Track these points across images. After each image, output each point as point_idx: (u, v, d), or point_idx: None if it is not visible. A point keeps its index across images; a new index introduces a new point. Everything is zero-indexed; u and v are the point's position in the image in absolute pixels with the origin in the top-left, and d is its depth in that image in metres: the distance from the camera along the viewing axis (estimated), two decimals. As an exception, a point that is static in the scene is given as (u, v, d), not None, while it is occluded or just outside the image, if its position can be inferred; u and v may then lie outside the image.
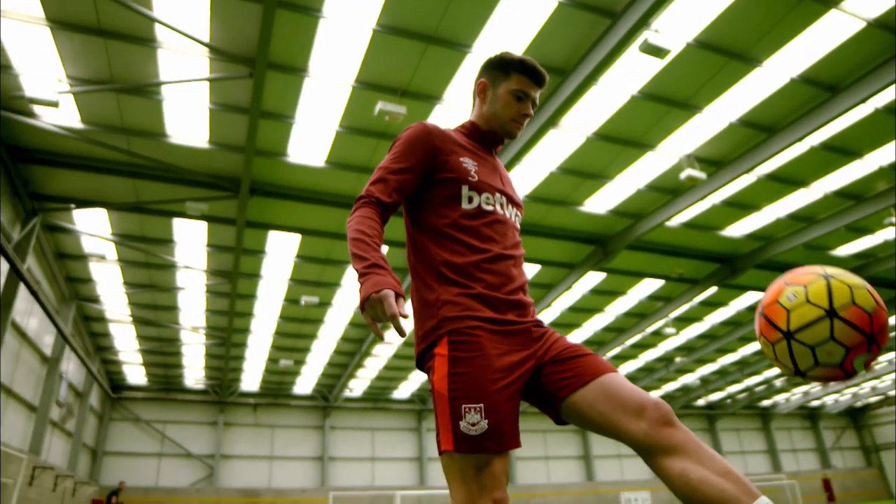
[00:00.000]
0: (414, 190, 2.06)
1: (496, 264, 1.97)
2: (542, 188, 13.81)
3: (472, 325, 1.84)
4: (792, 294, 1.74)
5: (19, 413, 15.39)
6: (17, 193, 12.68)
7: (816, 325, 1.67)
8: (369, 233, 1.86)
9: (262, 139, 11.77)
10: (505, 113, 2.15)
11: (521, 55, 2.18)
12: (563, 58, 9.97)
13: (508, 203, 2.14)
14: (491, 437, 1.69)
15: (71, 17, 8.97)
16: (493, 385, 1.74)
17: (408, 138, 2.06)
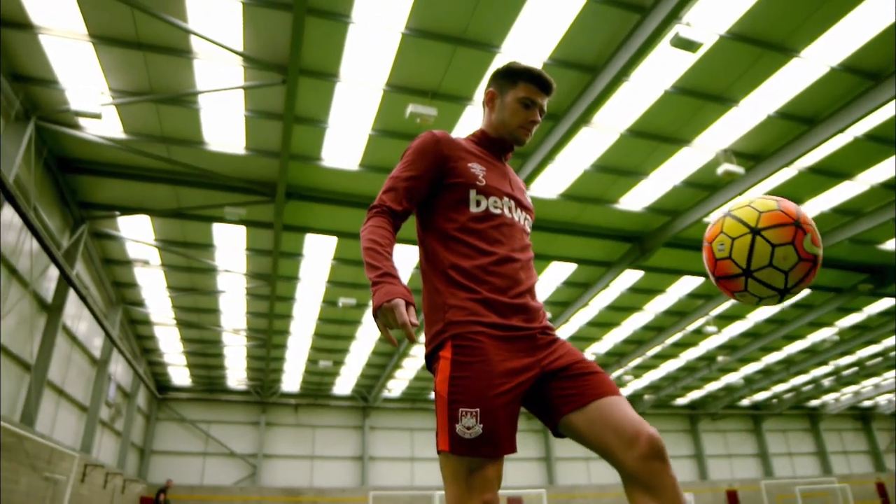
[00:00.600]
0: (424, 196, 2.12)
1: (503, 267, 2.00)
2: (576, 186, 13.70)
3: (475, 330, 1.87)
4: (720, 245, 1.90)
5: (71, 413, 15.99)
6: (65, 202, 13.19)
7: (756, 248, 1.82)
8: (381, 242, 1.93)
9: (297, 144, 11.97)
10: (513, 120, 2.19)
11: (527, 64, 2.22)
12: (594, 55, 9.88)
13: (517, 207, 2.17)
14: (485, 441, 1.72)
15: (111, 32, 9.29)
16: (491, 391, 1.77)
17: (417, 147, 2.13)
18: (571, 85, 10.55)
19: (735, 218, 1.88)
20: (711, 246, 1.93)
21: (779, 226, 1.80)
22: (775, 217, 1.82)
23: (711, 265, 1.94)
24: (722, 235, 1.89)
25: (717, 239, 1.91)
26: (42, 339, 13.07)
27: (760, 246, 1.80)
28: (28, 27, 9.09)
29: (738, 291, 1.89)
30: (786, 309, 21.16)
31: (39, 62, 9.79)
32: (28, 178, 10.95)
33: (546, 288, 18.68)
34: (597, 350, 24.48)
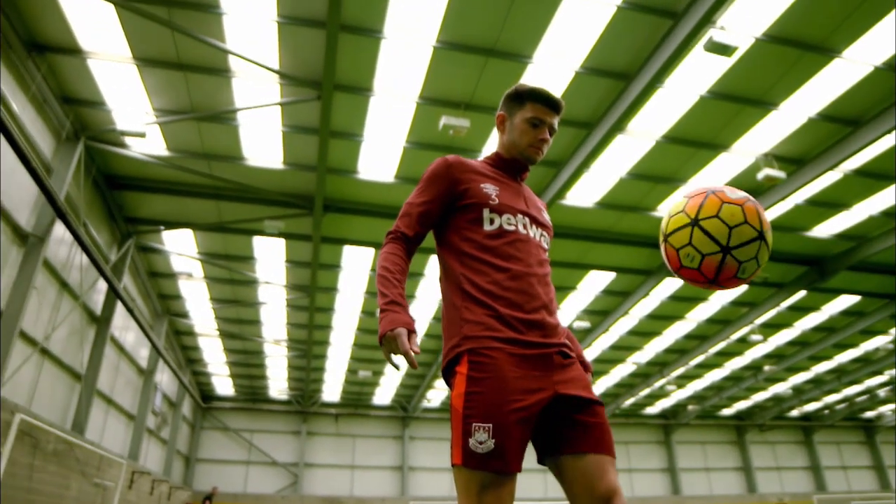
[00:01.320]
0: (437, 220, 2.20)
1: (518, 282, 2.03)
2: (613, 194, 13.57)
3: (491, 345, 1.90)
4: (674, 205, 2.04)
5: (119, 421, 16.50)
6: (113, 218, 13.69)
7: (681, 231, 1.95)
8: (392, 269, 2.03)
9: (333, 158, 12.17)
10: (522, 140, 2.25)
11: (535, 86, 2.27)
12: (626, 62, 9.80)
13: (532, 223, 2.20)
14: (496, 456, 1.74)
15: (154, 55, 9.65)
16: (505, 406, 1.79)
17: (429, 173, 2.21)
18: (605, 93, 10.48)
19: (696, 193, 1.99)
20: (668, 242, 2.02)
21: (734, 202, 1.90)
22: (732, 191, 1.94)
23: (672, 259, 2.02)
24: (682, 199, 2.02)
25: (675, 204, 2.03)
26: (91, 350, 13.55)
27: (711, 202, 1.90)
28: (77, 52, 9.51)
29: (683, 247, 1.93)
30: (835, 316, 20.45)
31: (88, 85, 10.24)
32: (78, 195, 11.41)
33: (585, 297, 18.50)
34: (638, 360, 24.07)
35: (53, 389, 11.97)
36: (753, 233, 1.85)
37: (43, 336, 11.10)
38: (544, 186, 13.02)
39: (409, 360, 1.81)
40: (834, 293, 18.57)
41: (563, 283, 17.59)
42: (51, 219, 10.37)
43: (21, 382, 10.49)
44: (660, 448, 31.84)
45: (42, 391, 11.40)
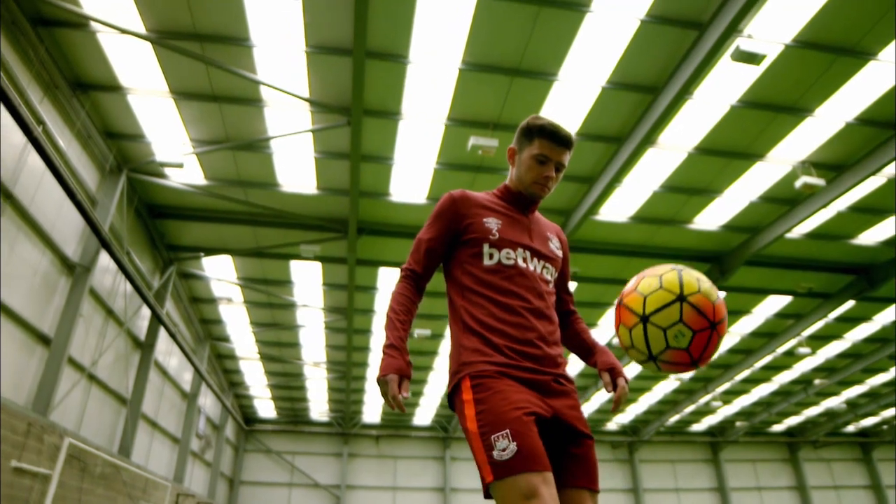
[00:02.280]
0: (443, 255, 2.30)
1: (514, 316, 2.09)
2: (647, 208, 13.41)
3: (487, 370, 1.97)
4: (647, 284, 1.98)
5: (164, 444, 16.86)
6: (155, 246, 14.14)
7: (669, 308, 1.89)
8: (397, 310, 2.15)
9: (365, 181, 12.36)
10: (528, 176, 2.28)
11: (546, 120, 2.27)
12: (653, 75, 9.75)
13: (534, 257, 2.24)
14: (523, 457, 1.75)
15: (189, 88, 10.02)
16: (515, 412, 1.84)
17: (436, 209, 2.31)
18: (633, 107, 10.43)
19: (627, 308, 2.00)
20: (619, 336, 2.04)
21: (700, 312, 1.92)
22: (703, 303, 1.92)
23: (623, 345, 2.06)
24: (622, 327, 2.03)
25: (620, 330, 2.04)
26: (136, 375, 13.94)
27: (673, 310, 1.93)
28: (118, 89, 9.95)
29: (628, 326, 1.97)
30: (888, 326, 19.66)
31: (129, 119, 10.68)
32: (121, 225, 11.84)
33: (622, 312, 18.22)
34: (680, 375, 23.52)
35: (100, 414, 12.33)
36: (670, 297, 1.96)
37: (90, 362, 11.48)
38: (577, 202, 12.97)
39: (397, 405, 1.96)
40: (885, 302, 17.87)
41: (600, 300, 17.39)
42: (96, 249, 10.77)
43: (70, 407, 10.84)
44: (708, 467, 30.88)
45: (90, 415, 11.76)
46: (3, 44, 8.08)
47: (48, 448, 9.07)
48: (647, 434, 29.14)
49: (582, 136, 11.15)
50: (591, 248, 14.74)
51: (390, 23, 8.90)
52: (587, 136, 11.16)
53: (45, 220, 9.52)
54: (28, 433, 8.57)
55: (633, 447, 30.41)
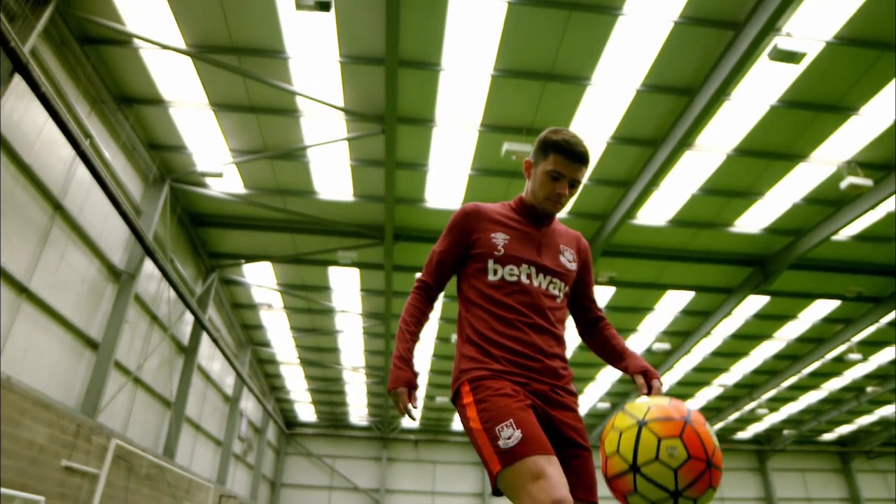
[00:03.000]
0: (453, 267, 2.35)
1: (514, 331, 2.11)
2: (686, 211, 13.17)
3: (484, 374, 2.03)
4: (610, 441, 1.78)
5: (207, 447, 17.28)
6: (197, 253, 14.53)
7: (624, 477, 1.71)
8: (408, 321, 2.25)
9: (401, 188, 12.48)
10: (541, 191, 2.26)
11: (562, 136, 2.22)
12: (689, 76, 9.60)
13: (539, 273, 2.23)
14: (528, 442, 1.79)
15: (228, 100, 10.30)
16: (515, 404, 1.90)
17: (449, 222, 2.34)
18: (668, 109, 10.28)
19: (626, 412, 1.81)
20: (603, 444, 1.83)
21: (667, 419, 1.70)
22: (664, 410, 1.71)
23: (603, 465, 1.83)
24: (612, 431, 1.80)
25: (608, 436, 1.81)
26: (180, 379, 14.34)
27: (647, 437, 1.69)
28: (160, 102, 10.29)
29: (629, 493, 1.72)
30: (945, 332, 18.83)
31: (171, 131, 11.03)
32: (165, 233, 12.22)
33: (663, 318, 17.91)
34: (724, 381, 22.97)
35: (146, 416, 12.73)
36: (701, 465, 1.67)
37: (135, 366, 11.87)
38: (613, 206, 12.83)
39: (408, 415, 2.11)
40: (941, 307, 17.12)
41: (639, 304, 17.14)
42: (141, 256, 11.14)
43: (116, 410, 11.22)
44: (754, 476, 30.00)
45: (136, 418, 12.15)
46: (53, 62, 8.46)
47: (96, 448, 9.41)
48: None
49: (617, 139, 11.04)
50: (628, 253, 14.56)
51: (422, 31, 8.99)
52: (622, 139, 11.04)
53: (92, 230, 9.90)
54: (77, 434, 8.91)
55: None
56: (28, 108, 7.89)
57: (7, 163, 7.80)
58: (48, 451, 8.19)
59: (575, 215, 13.27)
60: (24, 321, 8.38)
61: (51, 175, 8.71)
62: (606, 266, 14.88)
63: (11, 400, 7.50)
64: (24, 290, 8.28)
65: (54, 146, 8.56)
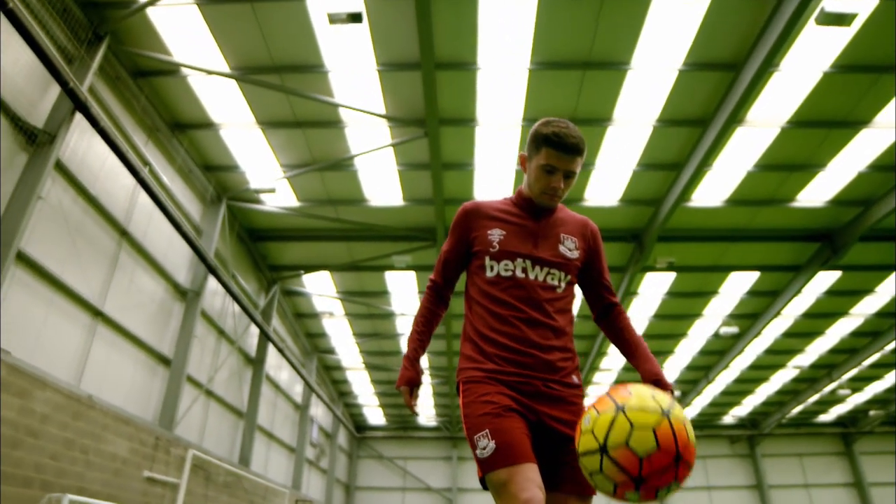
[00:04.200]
0: (459, 265, 2.41)
1: (508, 326, 2.14)
2: (742, 190, 12.74)
3: (476, 375, 2.10)
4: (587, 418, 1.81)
5: (281, 454, 17.84)
6: (258, 267, 15.04)
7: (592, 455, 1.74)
8: (418, 321, 2.38)
9: (449, 189, 12.57)
10: (536, 185, 2.27)
11: (553, 128, 2.21)
12: (732, 50, 9.29)
13: (535, 265, 2.23)
14: (500, 453, 1.87)
15: (274, 117, 10.64)
16: (493, 413, 1.96)
17: (452, 222, 2.41)
18: (714, 86, 9.98)
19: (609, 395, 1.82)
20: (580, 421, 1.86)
21: (620, 467, 1.69)
22: (626, 458, 1.70)
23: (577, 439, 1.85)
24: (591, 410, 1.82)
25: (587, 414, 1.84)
26: (250, 389, 14.87)
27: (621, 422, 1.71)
28: (211, 125, 10.74)
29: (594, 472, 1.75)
30: None
31: (223, 152, 11.49)
32: (226, 250, 12.71)
33: (729, 300, 17.34)
34: (800, 363, 22.02)
35: (220, 427, 13.27)
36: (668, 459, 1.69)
37: (207, 379, 12.40)
38: (666, 190, 12.55)
39: (412, 411, 2.25)
40: None
41: (702, 288, 16.68)
42: (204, 274, 11.63)
43: (191, 422, 11.75)
44: (840, 460, 28.63)
45: (210, 428, 12.69)
46: (109, 97, 8.96)
47: (175, 459, 9.90)
48: (767, 427, 27.51)
49: (663, 122, 10.80)
50: (686, 237, 14.20)
51: (455, 33, 9.04)
52: (669, 121, 10.79)
53: (157, 252, 10.41)
54: (156, 446, 9.40)
55: (753, 441, 28.80)
56: (90, 143, 8.39)
57: (75, 196, 8.32)
58: (131, 463, 8.68)
59: (627, 202, 13.05)
60: (101, 342, 8.90)
61: (115, 204, 9.22)
62: (664, 252, 14.56)
63: (94, 416, 7.99)
64: (98, 313, 8.80)
65: (117, 176, 9.06)
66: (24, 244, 7.16)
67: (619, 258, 14.94)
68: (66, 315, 8.12)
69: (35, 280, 7.55)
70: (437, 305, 2.41)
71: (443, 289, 2.42)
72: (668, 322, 18.69)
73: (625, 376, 23.22)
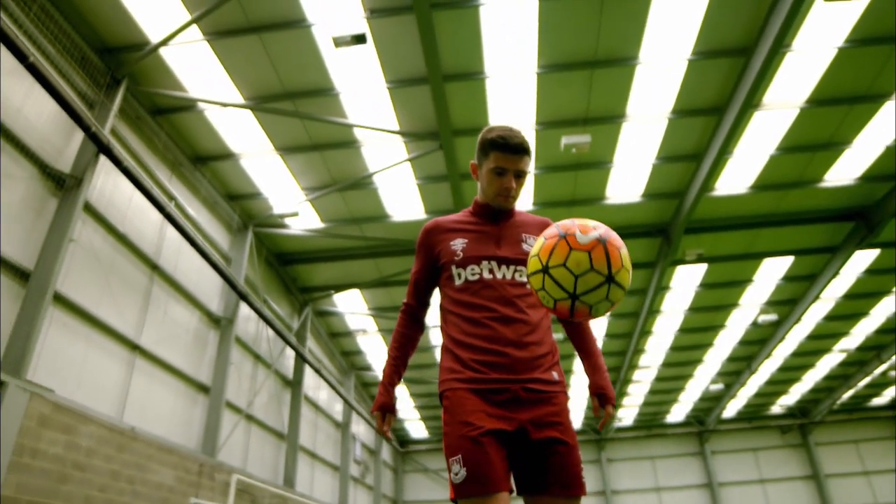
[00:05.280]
0: (430, 283, 2.45)
1: (481, 328, 2.16)
2: (767, 174, 12.52)
3: (454, 386, 2.11)
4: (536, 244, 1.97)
5: (325, 472, 17.99)
6: (289, 290, 15.28)
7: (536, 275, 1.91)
8: (393, 346, 2.43)
9: (469, 198, 12.59)
10: (489, 189, 2.35)
11: (497, 132, 2.32)
12: (740, 35, 9.19)
13: (501, 265, 2.28)
14: (471, 481, 1.90)
15: (291, 143, 10.88)
16: (468, 435, 1.96)
17: (416, 244, 2.47)
18: (726, 73, 9.88)
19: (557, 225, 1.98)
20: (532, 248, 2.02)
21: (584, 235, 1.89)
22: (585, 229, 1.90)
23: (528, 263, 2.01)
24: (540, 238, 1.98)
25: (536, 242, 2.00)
26: (290, 411, 15.06)
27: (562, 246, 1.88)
28: (231, 156, 11.01)
29: (539, 289, 1.92)
30: None
31: (245, 181, 11.77)
32: (255, 276, 12.96)
33: (765, 287, 17.00)
34: (846, 346, 21.40)
35: (262, 450, 13.47)
36: (600, 278, 1.85)
37: (246, 404, 12.61)
38: (688, 182, 12.42)
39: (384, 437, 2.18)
40: None
41: (736, 278, 16.38)
42: (236, 301, 11.88)
43: (234, 447, 11.97)
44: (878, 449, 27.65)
45: (253, 452, 12.89)
46: (131, 137, 9.27)
47: (219, 485, 10.09)
48: (818, 414, 26.76)
49: (678, 113, 10.72)
50: (713, 227, 14.01)
51: (460, 44, 9.14)
52: (684, 112, 10.70)
53: (188, 283, 10.68)
54: (200, 473, 9.60)
55: (805, 430, 28.03)
56: (116, 182, 8.69)
57: (105, 235, 8.61)
58: (177, 491, 8.88)
59: (650, 197, 12.94)
60: (140, 375, 9.16)
61: (144, 239, 9.51)
62: (692, 243, 14.38)
63: (138, 448, 8.22)
64: (136, 347, 9.07)
65: (144, 212, 9.35)
66: (60, 285, 7.44)
67: (648, 254, 14.80)
68: (104, 351, 8.39)
69: (73, 319, 7.83)
70: (412, 328, 2.46)
71: (416, 310, 2.47)
72: (704, 314, 18.39)
73: (665, 373, 22.90)
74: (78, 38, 8.05)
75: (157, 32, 8.49)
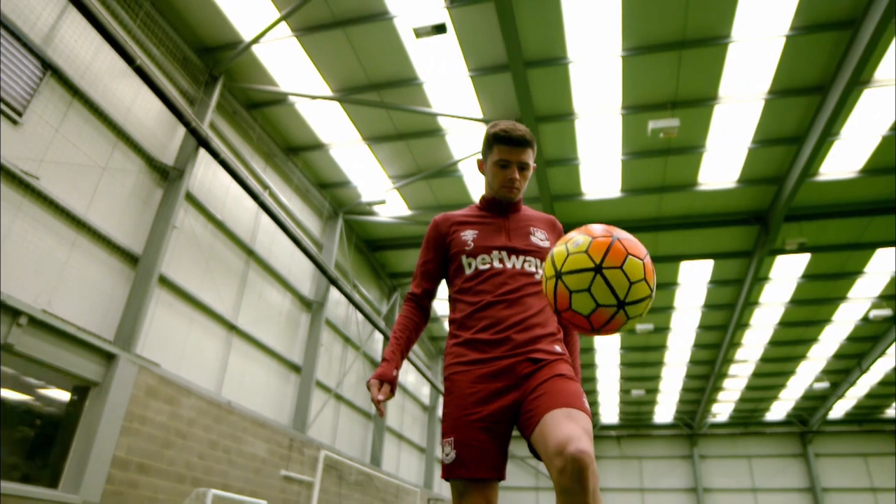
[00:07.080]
0: (440, 273, 2.48)
1: (486, 311, 2.20)
2: (879, 156, 11.57)
3: (456, 370, 2.15)
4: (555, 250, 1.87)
5: (412, 454, 18.50)
6: (378, 276, 15.77)
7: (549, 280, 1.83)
8: (397, 328, 2.40)
9: (556, 185, 12.55)
10: (495, 182, 2.39)
11: (500, 126, 2.35)
12: (846, 6, 8.53)
13: (511, 255, 2.31)
14: (458, 464, 1.98)
15: (378, 132, 11.20)
16: (462, 420, 2.03)
17: (425, 236, 2.50)
18: (830, 48, 9.21)
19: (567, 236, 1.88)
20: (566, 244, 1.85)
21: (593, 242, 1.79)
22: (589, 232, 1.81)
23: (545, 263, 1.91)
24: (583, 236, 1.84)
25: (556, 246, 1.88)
26: (378, 393, 15.54)
27: (617, 249, 1.77)
28: (321, 146, 11.49)
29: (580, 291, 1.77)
30: None
31: (334, 170, 12.24)
32: (346, 262, 13.48)
33: (878, 280, 15.76)
34: None
35: (350, 429, 14.05)
36: (647, 291, 1.77)
37: (335, 384, 13.19)
38: (788, 166, 11.71)
39: (376, 407, 2.19)
40: None
41: (844, 269, 15.31)
42: (327, 286, 12.41)
43: (323, 424, 12.56)
44: None
45: (341, 431, 13.47)
46: (228, 130, 9.88)
47: (308, 459, 10.65)
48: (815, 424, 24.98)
49: (775, 93, 10.11)
50: (817, 214, 13.13)
51: (541, 29, 9.05)
52: (782, 92, 10.08)
53: (282, 268, 11.28)
54: (291, 447, 10.18)
55: (805, 438, 26.11)
56: (215, 173, 9.31)
57: (205, 222, 9.26)
58: (269, 463, 9.48)
59: (746, 182, 12.31)
60: (237, 354, 9.81)
61: (241, 226, 10.13)
62: (793, 232, 13.54)
63: (234, 420, 8.83)
64: (233, 327, 9.71)
65: (240, 201, 9.96)
66: (165, 269, 8.10)
67: (744, 242, 14.11)
68: (204, 330, 9.06)
69: (176, 300, 8.51)
70: (415, 314, 2.44)
71: (421, 299, 2.46)
72: (806, 308, 17.30)
73: (764, 368, 21.76)
74: (179, 40, 8.67)
75: (250, 31, 9.00)
